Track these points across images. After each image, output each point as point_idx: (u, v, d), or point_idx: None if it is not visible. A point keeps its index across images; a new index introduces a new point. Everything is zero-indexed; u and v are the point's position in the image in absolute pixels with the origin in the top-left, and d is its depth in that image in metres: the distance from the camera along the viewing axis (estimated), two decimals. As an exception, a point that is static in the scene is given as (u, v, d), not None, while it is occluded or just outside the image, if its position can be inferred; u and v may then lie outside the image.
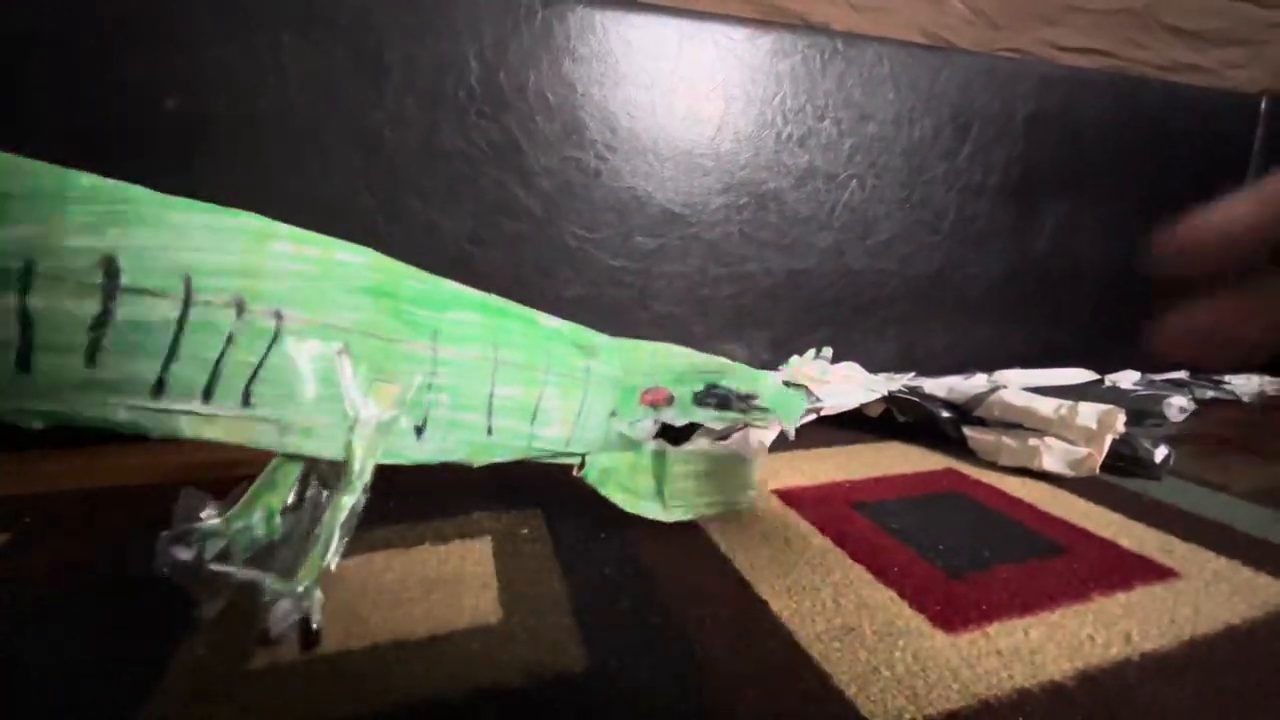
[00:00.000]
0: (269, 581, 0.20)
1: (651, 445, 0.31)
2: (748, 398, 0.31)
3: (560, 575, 0.30)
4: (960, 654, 0.25)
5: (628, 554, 0.32)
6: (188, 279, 0.18)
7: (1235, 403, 0.66)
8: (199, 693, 0.22)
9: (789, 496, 0.39)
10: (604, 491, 0.29)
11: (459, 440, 0.24)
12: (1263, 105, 0.76)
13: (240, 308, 0.19)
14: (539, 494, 0.38)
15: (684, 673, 0.23)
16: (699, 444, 0.32)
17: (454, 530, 0.34)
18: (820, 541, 0.33)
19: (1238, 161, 0.77)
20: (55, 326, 0.17)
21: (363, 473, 0.21)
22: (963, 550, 0.33)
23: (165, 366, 0.18)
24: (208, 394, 0.19)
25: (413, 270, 0.22)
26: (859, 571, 0.30)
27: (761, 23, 0.56)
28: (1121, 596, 0.29)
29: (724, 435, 0.35)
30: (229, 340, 0.19)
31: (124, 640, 0.25)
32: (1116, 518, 0.37)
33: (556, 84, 0.50)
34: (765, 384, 0.31)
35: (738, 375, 0.31)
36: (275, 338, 0.19)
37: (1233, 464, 0.48)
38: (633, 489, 0.30)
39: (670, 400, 0.30)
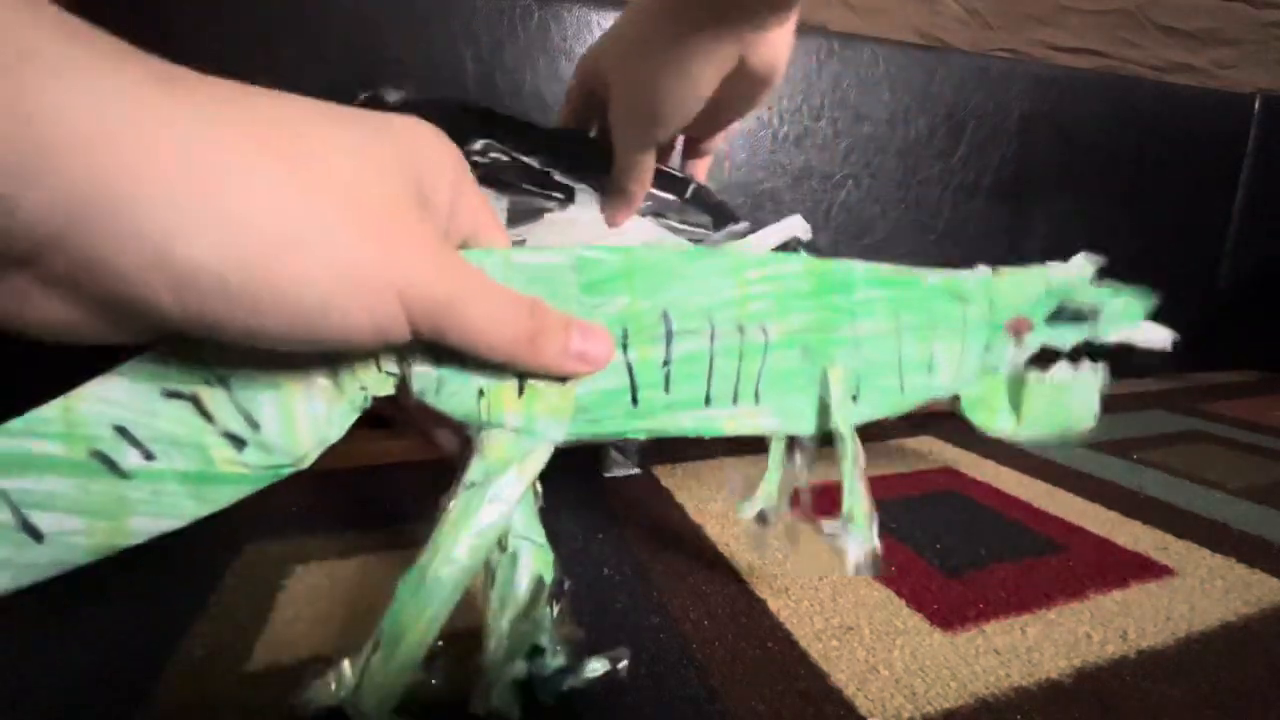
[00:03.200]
0: (826, 525, 0.25)
1: (1007, 368, 0.32)
2: (1095, 310, 0.32)
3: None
4: (958, 652, 0.25)
5: (626, 554, 0.32)
6: (710, 316, 0.24)
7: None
8: (198, 693, 0.22)
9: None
10: (968, 415, 0.31)
11: (881, 402, 0.27)
12: (1256, 105, 0.76)
13: (742, 331, 0.24)
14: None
15: (683, 673, 0.23)
16: (1060, 368, 0.33)
17: (452, 531, 0.34)
18: (818, 541, 0.33)
19: (1231, 161, 0.77)
20: (646, 370, 0.23)
21: (850, 438, 0.25)
22: (960, 549, 0.33)
23: (708, 384, 0.24)
24: (735, 399, 0.24)
25: (828, 264, 0.26)
26: (857, 571, 0.31)
27: (757, 23, 0.56)
28: (1118, 594, 0.29)
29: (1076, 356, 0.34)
30: (740, 357, 0.24)
31: (123, 641, 0.25)
32: (1113, 515, 0.37)
33: (553, 84, 0.50)
34: (1107, 295, 0.33)
35: (1087, 290, 0.32)
36: (765, 349, 0.24)
37: (1228, 461, 0.48)
38: (991, 408, 0.32)
39: (1031, 327, 0.31)
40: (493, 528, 0.21)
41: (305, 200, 0.16)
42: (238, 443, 0.19)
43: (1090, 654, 0.25)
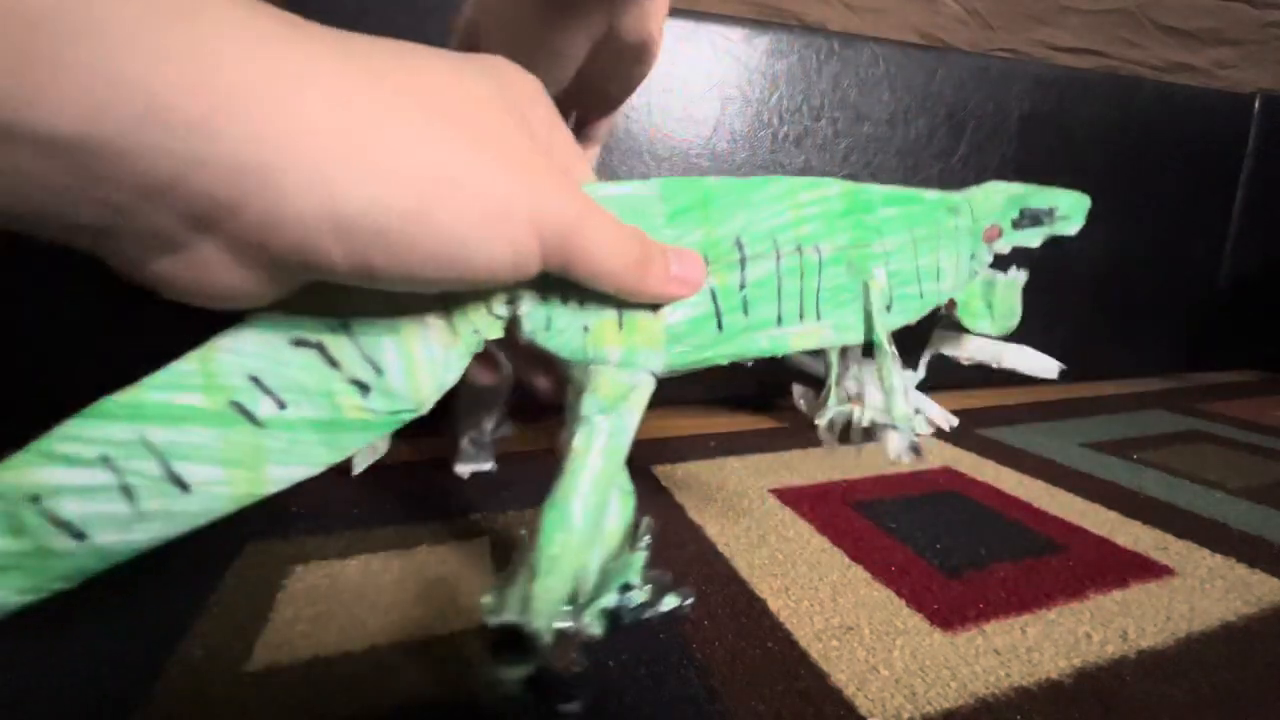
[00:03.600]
0: (880, 417, 0.28)
1: (982, 275, 0.36)
2: (1050, 211, 0.36)
3: (559, 576, 0.30)
4: (958, 652, 0.25)
5: (626, 554, 0.32)
6: (774, 240, 0.25)
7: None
8: (198, 694, 0.22)
9: (787, 496, 0.39)
10: (960, 316, 0.35)
11: (907, 309, 0.30)
12: (1256, 105, 0.76)
13: (800, 250, 0.26)
14: (536, 494, 0.38)
15: (683, 672, 0.23)
16: (1014, 271, 0.37)
17: (451, 532, 0.34)
18: (818, 541, 0.33)
19: (1231, 161, 0.77)
20: (726, 295, 0.24)
21: (887, 344, 0.27)
22: (960, 549, 0.33)
23: (778, 304, 0.25)
24: (801, 316, 0.26)
25: (855, 186, 0.28)
26: (857, 571, 0.31)
27: (758, 23, 0.56)
28: (1118, 594, 0.29)
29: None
30: (801, 275, 0.26)
31: (122, 641, 0.25)
32: (1113, 515, 0.37)
33: (553, 84, 0.50)
34: (1059, 195, 0.36)
35: (1039, 194, 0.36)
36: (820, 267, 0.26)
37: (1228, 461, 0.48)
38: (975, 310, 0.36)
39: (1001, 233, 0.35)
40: (614, 459, 0.22)
41: (449, 141, 0.17)
42: (363, 389, 0.20)
43: (1090, 654, 0.25)
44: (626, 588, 0.22)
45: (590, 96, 0.33)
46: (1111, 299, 0.74)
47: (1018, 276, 0.37)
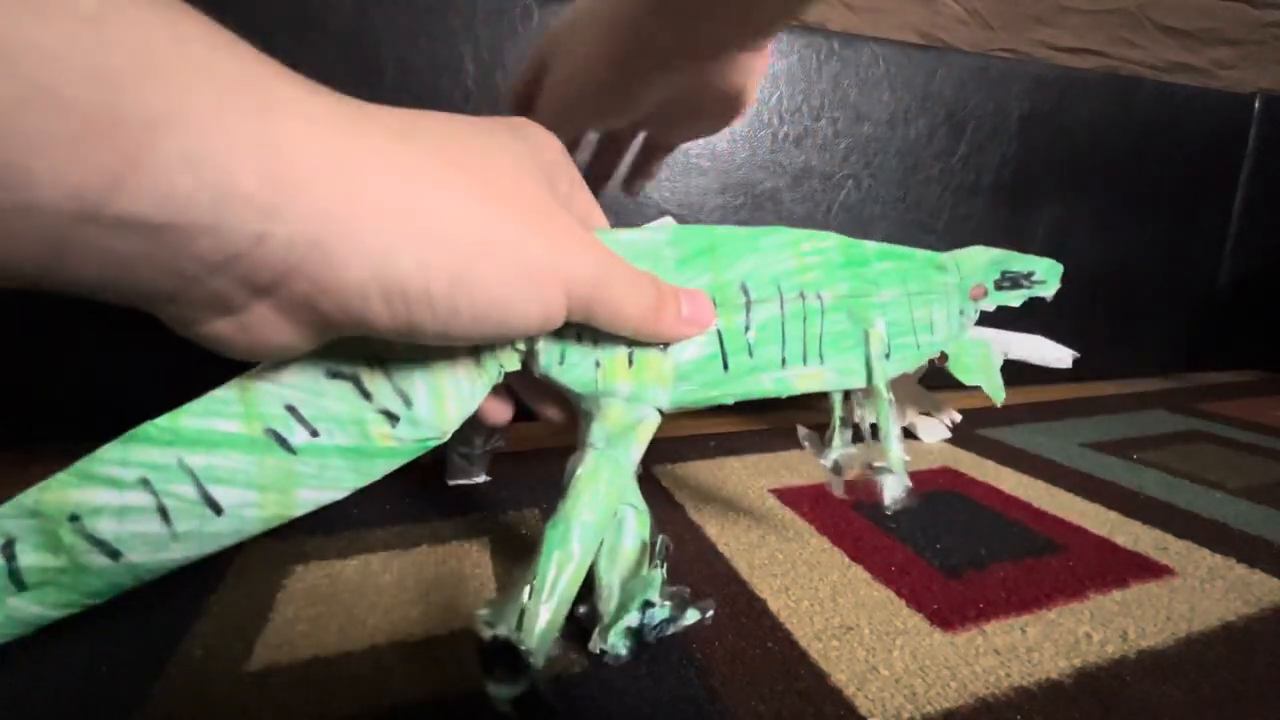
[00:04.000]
0: (878, 462, 0.28)
1: (971, 333, 0.37)
2: (1029, 275, 0.37)
3: (559, 576, 0.30)
4: (958, 652, 0.25)
5: (626, 554, 0.31)
6: (779, 286, 0.26)
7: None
8: (198, 694, 0.22)
9: (788, 496, 0.39)
10: (952, 370, 0.35)
11: (906, 358, 0.30)
12: (1256, 105, 0.76)
13: (803, 297, 0.27)
14: (537, 495, 0.38)
15: (683, 672, 0.23)
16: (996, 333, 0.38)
17: (451, 531, 0.34)
18: (819, 541, 0.33)
19: (1231, 161, 0.77)
20: (732, 337, 0.25)
21: (885, 391, 0.28)
22: (960, 549, 0.33)
23: (782, 347, 0.26)
24: (804, 359, 0.27)
25: (850, 241, 0.29)
26: (857, 571, 0.31)
27: (757, 23, 0.56)
28: (1118, 594, 0.29)
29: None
30: (804, 320, 0.27)
31: (122, 642, 0.25)
32: (1113, 515, 0.37)
33: (553, 85, 0.50)
34: (1036, 261, 0.38)
35: (1019, 260, 0.37)
36: (822, 313, 0.27)
37: (1228, 461, 0.48)
38: (965, 365, 0.36)
39: (986, 292, 0.36)
40: (616, 486, 0.23)
41: (488, 210, 0.18)
42: (392, 419, 0.21)
43: (1090, 654, 0.25)
44: (648, 605, 0.23)
45: (667, 131, 0.34)
46: (1111, 299, 0.74)
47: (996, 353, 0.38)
